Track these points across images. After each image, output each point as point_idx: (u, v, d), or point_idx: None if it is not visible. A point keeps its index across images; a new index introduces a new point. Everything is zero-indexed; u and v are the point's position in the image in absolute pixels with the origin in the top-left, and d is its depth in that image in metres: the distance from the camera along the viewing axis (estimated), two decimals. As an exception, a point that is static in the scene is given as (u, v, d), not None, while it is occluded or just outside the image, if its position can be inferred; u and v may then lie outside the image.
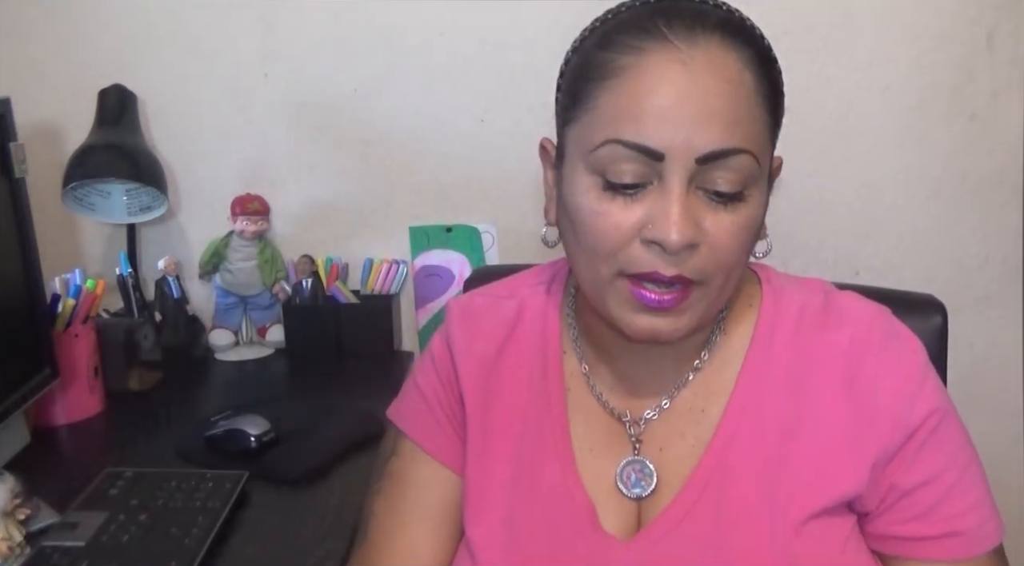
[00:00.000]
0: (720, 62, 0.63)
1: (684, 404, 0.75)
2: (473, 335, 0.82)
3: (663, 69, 0.62)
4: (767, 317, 0.75)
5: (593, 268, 0.67)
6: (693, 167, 0.62)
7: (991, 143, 1.48)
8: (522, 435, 0.78)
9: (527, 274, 0.87)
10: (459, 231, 1.57)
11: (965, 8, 1.42)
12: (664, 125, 0.62)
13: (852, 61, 1.45)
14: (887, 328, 0.73)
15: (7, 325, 1.17)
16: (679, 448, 0.74)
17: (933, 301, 0.99)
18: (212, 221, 1.59)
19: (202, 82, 1.55)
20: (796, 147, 1.48)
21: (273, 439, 1.20)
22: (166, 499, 1.03)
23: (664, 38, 0.63)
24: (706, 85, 0.62)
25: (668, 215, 0.62)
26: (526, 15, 1.45)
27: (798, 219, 1.52)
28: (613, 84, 0.64)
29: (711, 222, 0.64)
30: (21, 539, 0.96)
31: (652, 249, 0.64)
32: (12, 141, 1.17)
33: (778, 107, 0.68)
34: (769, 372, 0.73)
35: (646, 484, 0.73)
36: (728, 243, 0.65)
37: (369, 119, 1.54)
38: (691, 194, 0.63)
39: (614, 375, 0.77)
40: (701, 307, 0.67)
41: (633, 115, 0.63)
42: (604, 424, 0.77)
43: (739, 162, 0.63)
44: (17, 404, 1.15)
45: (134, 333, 1.41)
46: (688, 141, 0.62)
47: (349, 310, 1.55)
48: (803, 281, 0.79)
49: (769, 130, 0.67)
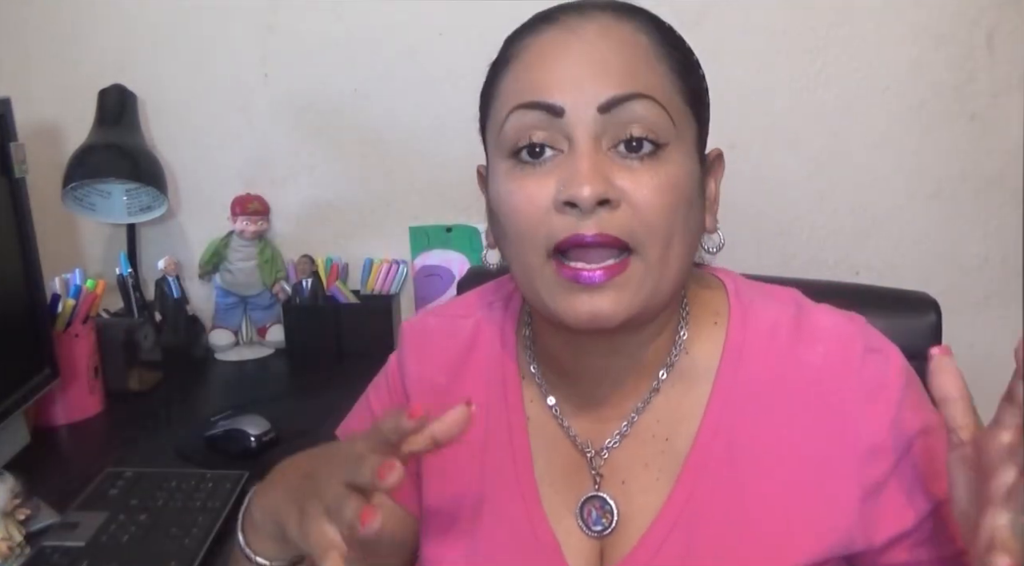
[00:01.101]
0: (612, 28, 0.64)
1: (647, 430, 0.71)
2: (426, 361, 0.79)
3: (555, 40, 0.64)
4: (735, 336, 0.71)
5: (524, 255, 0.64)
6: (596, 118, 0.61)
7: (991, 143, 1.48)
8: (483, 468, 0.74)
9: (484, 290, 0.83)
10: (459, 231, 1.57)
11: (965, 8, 1.42)
12: (561, 82, 0.62)
13: (852, 61, 1.45)
14: (865, 343, 0.68)
15: (7, 325, 1.17)
16: (642, 480, 0.70)
17: (927, 299, 0.98)
18: (212, 221, 1.59)
19: (202, 82, 1.55)
20: (796, 147, 1.48)
21: (273, 439, 1.20)
22: (166, 499, 1.03)
23: (554, 19, 0.65)
24: (598, 46, 0.63)
25: (578, 172, 0.60)
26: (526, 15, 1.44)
27: (798, 219, 1.51)
28: (512, 67, 0.66)
29: (628, 180, 0.61)
30: (21, 539, 0.96)
31: (569, 212, 0.61)
32: (12, 141, 1.17)
33: (689, 74, 0.66)
34: (741, 398, 0.69)
35: (607, 522, 0.70)
36: (651, 200, 0.61)
37: (369, 119, 1.54)
38: (602, 153, 0.62)
39: (575, 398, 0.73)
40: (644, 285, 0.63)
41: (531, 82, 0.63)
42: (565, 455, 0.73)
43: (645, 109, 0.62)
44: (17, 404, 1.15)
45: (134, 333, 1.41)
46: (585, 91, 0.61)
47: (349, 310, 1.55)
48: (772, 292, 0.74)
49: (678, 92, 0.64)
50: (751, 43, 1.44)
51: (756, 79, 1.45)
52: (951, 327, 0.98)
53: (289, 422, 1.24)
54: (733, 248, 0.74)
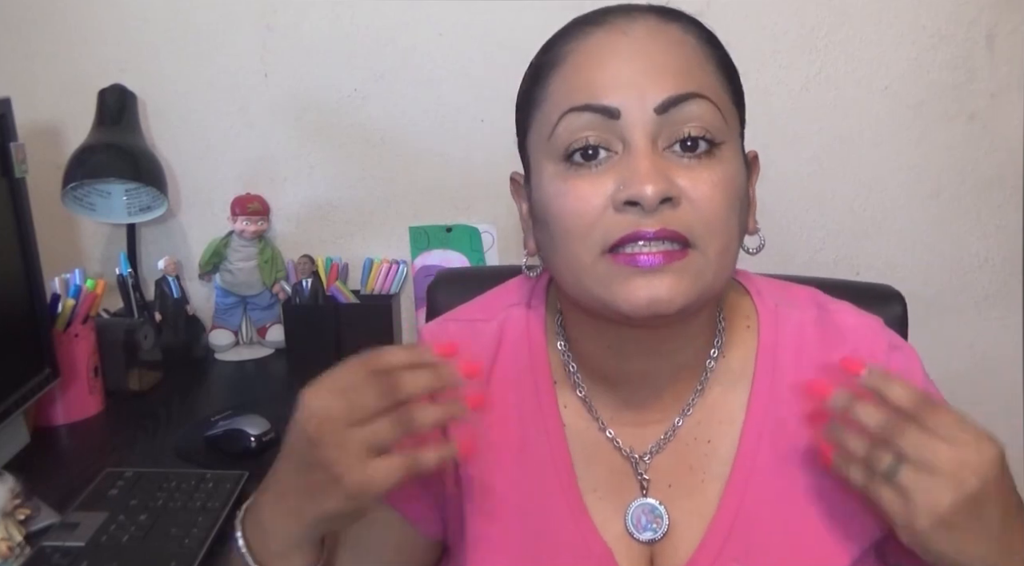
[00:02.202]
0: (660, 30, 0.64)
1: (688, 433, 0.71)
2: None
3: (605, 41, 0.64)
4: (767, 339, 0.72)
5: (573, 257, 0.63)
6: (653, 119, 0.62)
7: (991, 143, 1.48)
8: (520, 477, 0.72)
9: (501, 291, 0.81)
10: (459, 231, 1.57)
11: (965, 8, 1.42)
12: (616, 84, 0.62)
13: (852, 61, 1.45)
14: (888, 341, 0.72)
15: (7, 325, 1.17)
16: (688, 484, 0.70)
17: (892, 291, 0.99)
18: (212, 221, 1.59)
19: (202, 82, 1.55)
20: (796, 147, 1.48)
21: (273, 439, 1.20)
22: (166, 499, 1.03)
23: (602, 22, 0.65)
24: (649, 48, 0.63)
25: (637, 171, 0.60)
26: (526, 15, 1.45)
27: (798, 219, 1.51)
28: (561, 69, 0.65)
29: (686, 179, 0.61)
30: (21, 539, 0.96)
31: (629, 212, 0.61)
32: (12, 141, 1.17)
33: (733, 75, 0.67)
34: (779, 399, 0.70)
35: (657, 527, 0.69)
36: (710, 195, 0.61)
37: (369, 119, 1.54)
38: (659, 154, 0.62)
39: (615, 403, 0.72)
40: (704, 276, 0.62)
41: (583, 84, 0.63)
42: (607, 461, 0.72)
43: (700, 109, 0.62)
44: (17, 404, 1.15)
45: (134, 333, 1.41)
46: (642, 94, 0.62)
47: (349, 310, 1.55)
48: (791, 293, 0.76)
49: (727, 92, 0.66)
50: (751, 43, 1.44)
51: (756, 79, 1.45)
52: (951, 327, 0.98)
53: (289, 422, 1.23)
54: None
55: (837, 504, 0.68)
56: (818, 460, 0.64)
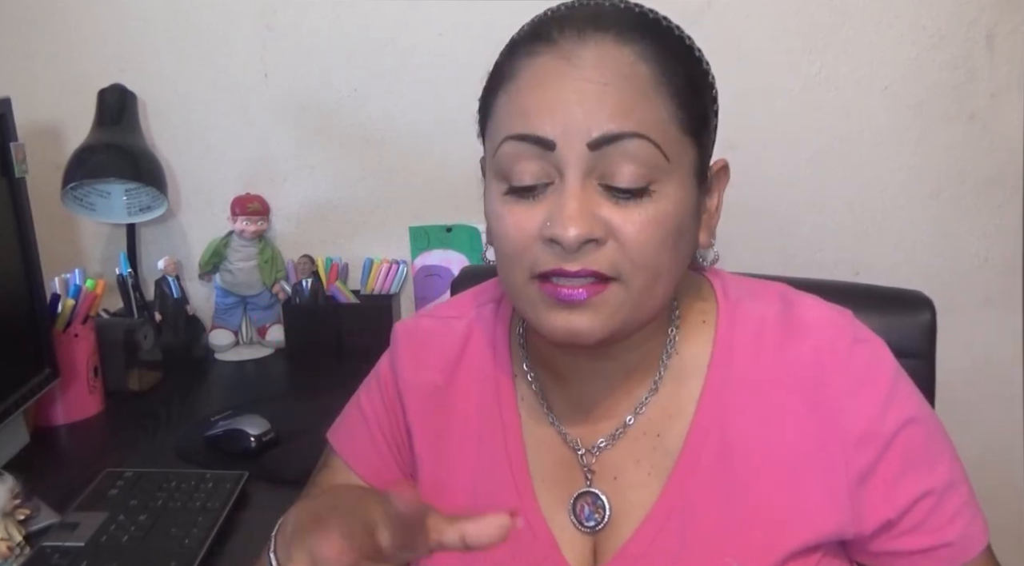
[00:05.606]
0: (610, 57, 0.63)
1: (638, 428, 0.72)
2: (420, 364, 0.79)
3: (550, 67, 0.63)
4: (724, 334, 0.71)
5: (510, 274, 0.66)
6: (587, 154, 0.61)
7: (991, 143, 1.48)
8: (478, 466, 0.75)
9: (477, 291, 0.84)
10: (459, 231, 1.57)
11: (965, 8, 1.42)
12: (553, 115, 0.62)
13: (852, 61, 1.45)
14: (854, 334, 0.69)
15: (7, 325, 1.17)
16: (634, 476, 0.71)
17: (922, 298, 0.96)
18: (212, 221, 1.59)
19: (202, 82, 1.56)
20: (796, 147, 1.48)
21: (273, 439, 1.20)
22: (166, 499, 1.03)
23: (553, 41, 0.64)
24: (593, 78, 0.62)
25: (563, 210, 0.61)
26: (526, 15, 1.44)
27: (798, 219, 1.51)
28: (507, 88, 0.65)
29: (618, 217, 0.62)
30: (21, 539, 0.96)
31: (553, 248, 0.62)
32: (12, 141, 1.17)
33: (692, 100, 0.65)
34: (731, 394, 0.70)
35: (599, 517, 0.71)
36: (638, 238, 0.62)
37: (369, 119, 1.54)
38: (591, 189, 0.62)
39: (567, 399, 0.74)
40: (623, 308, 0.64)
41: (523, 110, 0.63)
42: (557, 453, 0.74)
43: (636, 148, 0.61)
44: (17, 404, 1.15)
45: (134, 333, 1.42)
46: (578, 129, 0.61)
47: (349, 310, 1.55)
48: (758, 288, 0.75)
49: (678, 122, 0.63)
50: (751, 43, 1.44)
51: (756, 79, 1.45)
52: (950, 328, 0.98)
53: (289, 422, 1.24)
54: (733, 247, 0.74)
55: (788, 497, 0.67)
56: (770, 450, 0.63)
